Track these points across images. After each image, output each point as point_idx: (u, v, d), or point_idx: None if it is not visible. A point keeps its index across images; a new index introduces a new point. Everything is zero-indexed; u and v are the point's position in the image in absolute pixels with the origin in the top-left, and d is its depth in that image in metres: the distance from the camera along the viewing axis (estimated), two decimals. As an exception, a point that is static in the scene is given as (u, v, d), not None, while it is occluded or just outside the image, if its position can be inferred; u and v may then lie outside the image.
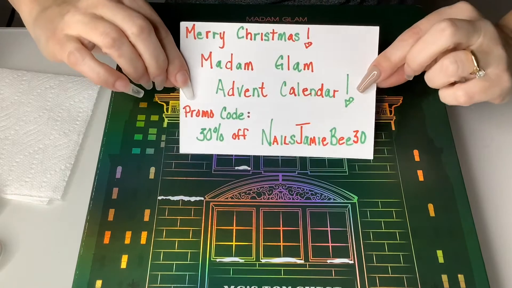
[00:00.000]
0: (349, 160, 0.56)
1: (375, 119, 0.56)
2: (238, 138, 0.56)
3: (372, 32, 0.54)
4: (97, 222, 0.51)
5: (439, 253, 0.50)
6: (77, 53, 0.49)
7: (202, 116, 0.56)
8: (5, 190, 0.55)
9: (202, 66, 0.55)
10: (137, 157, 0.56)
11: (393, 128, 0.58)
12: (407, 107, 0.54)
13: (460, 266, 0.49)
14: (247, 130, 0.56)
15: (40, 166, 0.57)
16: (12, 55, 0.68)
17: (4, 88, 0.64)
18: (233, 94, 0.55)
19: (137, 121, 0.58)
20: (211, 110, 0.56)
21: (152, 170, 0.55)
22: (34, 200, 0.55)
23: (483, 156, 0.60)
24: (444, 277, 0.48)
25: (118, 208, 0.52)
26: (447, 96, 0.50)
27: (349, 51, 0.55)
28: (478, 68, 0.48)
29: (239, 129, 0.56)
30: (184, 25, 0.55)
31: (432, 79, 0.50)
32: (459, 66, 0.48)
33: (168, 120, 0.58)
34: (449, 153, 0.56)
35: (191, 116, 0.56)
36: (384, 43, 0.63)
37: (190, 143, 0.56)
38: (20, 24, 0.59)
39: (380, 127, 0.58)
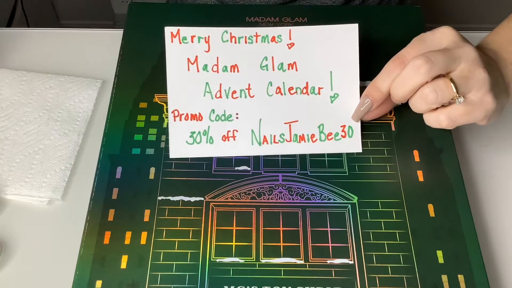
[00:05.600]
0: (349, 160, 0.56)
1: (375, 119, 0.56)
2: (228, 140, 0.56)
3: (352, 30, 0.55)
4: (97, 222, 0.51)
5: (439, 253, 0.50)
6: None
7: (191, 120, 0.56)
8: (5, 190, 0.55)
9: (188, 70, 0.56)
10: (137, 157, 0.56)
11: (393, 128, 0.58)
12: (407, 107, 0.54)
13: (460, 266, 0.49)
14: (236, 131, 0.56)
15: (40, 166, 0.57)
16: (12, 55, 0.68)
17: (4, 88, 0.64)
18: (220, 97, 0.56)
19: (137, 121, 0.58)
20: (199, 113, 0.56)
21: (152, 170, 0.55)
22: (34, 200, 0.55)
23: (483, 156, 0.60)
24: (444, 278, 0.48)
25: (118, 208, 0.52)
26: (431, 120, 0.53)
27: (330, 49, 0.56)
28: (457, 95, 0.50)
29: (229, 131, 0.56)
30: (168, 30, 0.55)
31: (414, 106, 0.52)
32: (439, 94, 0.50)
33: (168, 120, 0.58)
34: (449, 153, 0.56)
35: (180, 120, 0.56)
36: (383, 44, 0.63)
37: (179, 147, 0.55)
38: (20, 24, 0.59)
39: (380, 127, 0.58)
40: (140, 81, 0.61)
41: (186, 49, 0.56)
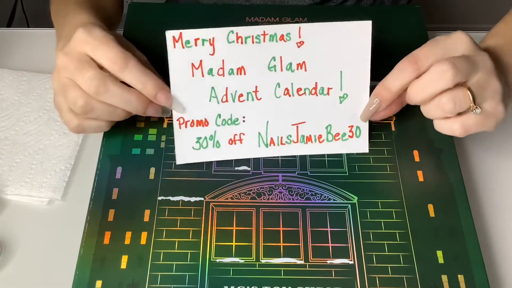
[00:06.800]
0: (349, 160, 0.56)
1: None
2: (235, 143, 0.55)
3: (365, 27, 0.53)
4: (97, 222, 0.51)
5: (439, 253, 0.50)
6: None
7: (196, 126, 0.54)
8: (5, 190, 0.55)
9: (193, 75, 0.53)
10: (137, 157, 0.56)
11: (393, 129, 0.58)
12: (407, 107, 0.54)
13: (460, 266, 0.49)
14: (243, 134, 0.55)
15: (40, 166, 0.57)
16: (12, 55, 0.68)
17: (4, 88, 0.64)
18: (227, 101, 0.54)
19: (137, 121, 0.58)
20: (205, 119, 0.54)
21: (152, 170, 0.55)
22: (34, 200, 0.55)
23: (483, 156, 0.60)
24: (444, 278, 0.48)
25: (118, 208, 0.52)
26: (443, 128, 0.52)
27: (341, 47, 0.53)
28: (474, 106, 0.49)
29: (235, 134, 0.55)
30: (170, 34, 0.51)
31: (428, 113, 0.51)
32: (456, 104, 0.49)
33: (168, 120, 0.58)
34: (449, 154, 0.56)
35: (185, 127, 0.54)
36: (383, 43, 0.63)
37: (186, 153, 0.55)
38: (20, 24, 0.59)
39: (380, 127, 0.58)
40: (140, 81, 0.61)
41: (190, 53, 0.52)
